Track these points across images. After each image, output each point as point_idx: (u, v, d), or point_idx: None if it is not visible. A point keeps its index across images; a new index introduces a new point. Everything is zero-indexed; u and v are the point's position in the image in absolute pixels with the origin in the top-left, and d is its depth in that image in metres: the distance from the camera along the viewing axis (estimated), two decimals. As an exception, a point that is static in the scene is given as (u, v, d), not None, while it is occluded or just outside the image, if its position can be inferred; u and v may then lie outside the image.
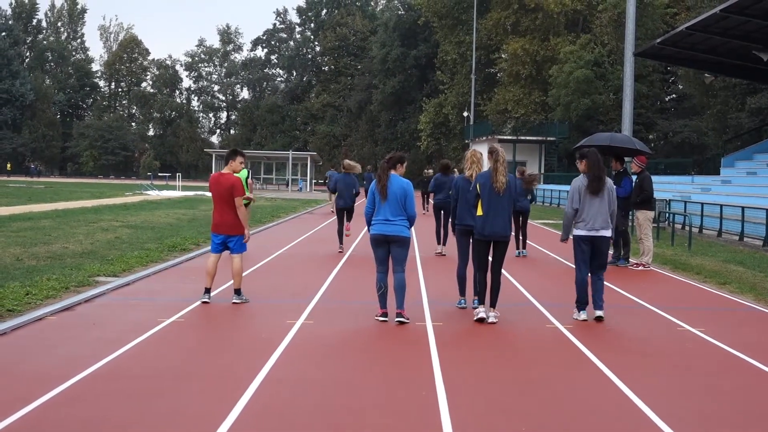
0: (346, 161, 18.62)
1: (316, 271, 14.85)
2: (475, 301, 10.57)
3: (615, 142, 17.61)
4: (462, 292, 11.31)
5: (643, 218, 17.09)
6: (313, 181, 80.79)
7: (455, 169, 20.40)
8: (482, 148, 73.33)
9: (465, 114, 77.40)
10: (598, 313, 10.53)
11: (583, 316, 10.52)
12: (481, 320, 10.14)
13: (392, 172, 10.19)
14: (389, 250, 10.15)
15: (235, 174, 11.31)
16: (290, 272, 14.72)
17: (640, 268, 16.55)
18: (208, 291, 11.19)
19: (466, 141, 77.09)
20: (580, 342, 9.06)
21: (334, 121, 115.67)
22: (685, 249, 21.24)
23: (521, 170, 18.13)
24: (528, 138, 68.95)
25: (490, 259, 10.40)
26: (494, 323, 10.11)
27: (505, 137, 70.51)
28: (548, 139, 67.07)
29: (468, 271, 11.31)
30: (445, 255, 17.80)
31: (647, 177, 17.00)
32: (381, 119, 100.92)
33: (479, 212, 10.18)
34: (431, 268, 15.71)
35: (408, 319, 10.05)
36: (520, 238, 18.81)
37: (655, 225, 25.12)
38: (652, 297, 12.65)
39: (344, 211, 19.10)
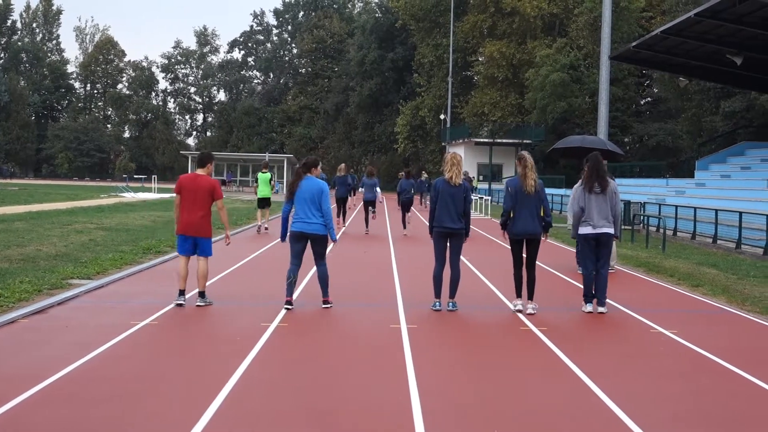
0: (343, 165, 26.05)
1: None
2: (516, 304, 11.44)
3: (587, 143, 17.68)
4: (437, 293, 11.41)
5: None
6: (278, 182, 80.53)
7: (422, 173, 26.04)
8: (459, 151, 73.62)
9: (442, 117, 77.60)
10: (600, 309, 11.42)
11: (589, 308, 11.45)
12: (519, 311, 11.17)
13: (309, 174, 11.09)
14: (305, 246, 11.11)
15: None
16: (266, 274, 14.68)
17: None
18: (182, 293, 11.16)
19: (443, 144, 77.28)
20: (555, 345, 9.09)
21: (310, 123, 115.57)
22: (660, 251, 21.37)
23: (466, 175, 21.70)
24: (504, 141, 69.23)
25: (524, 256, 11.36)
26: (532, 314, 10.97)
27: (481, 140, 70.78)
28: (525, 142, 67.26)
29: (445, 273, 11.43)
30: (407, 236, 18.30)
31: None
32: (358, 122, 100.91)
33: (511, 214, 11.20)
34: (406, 270, 15.71)
35: (332, 303, 11.19)
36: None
37: (629, 228, 25.28)
38: (625, 299, 12.72)
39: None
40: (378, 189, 26.22)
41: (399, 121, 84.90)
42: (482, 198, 43.62)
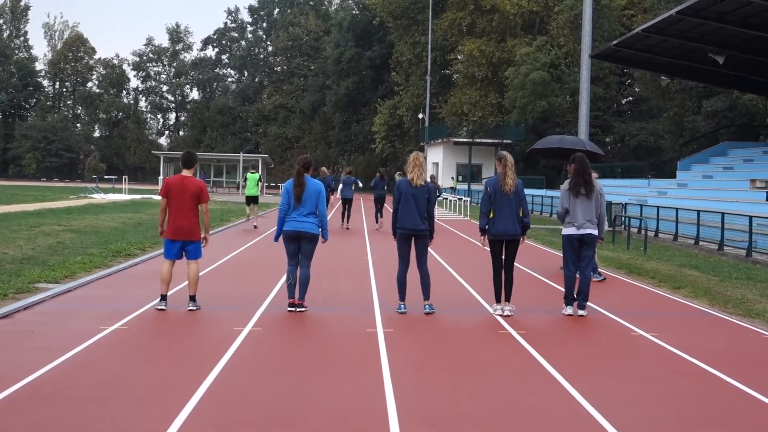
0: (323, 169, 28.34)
1: (265, 276, 14.78)
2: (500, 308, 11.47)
3: (565, 143, 17.74)
4: (402, 296, 11.50)
5: None
6: (265, 183, 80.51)
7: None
8: (437, 151, 73.68)
9: (420, 116, 77.74)
10: (581, 312, 11.46)
11: (569, 311, 11.52)
12: (500, 315, 11.20)
13: (307, 174, 11.32)
14: (299, 246, 11.24)
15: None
16: (238, 278, 14.65)
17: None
18: (164, 298, 11.16)
19: (422, 143, 77.35)
20: (533, 348, 9.12)
21: (286, 122, 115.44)
22: (641, 253, 21.50)
23: (432, 177, 24.38)
24: (484, 141, 69.50)
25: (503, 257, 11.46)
26: (509, 316, 11.10)
27: (461, 140, 70.99)
28: (504, 141, 67.57)
29: (411, 274, 11.45)
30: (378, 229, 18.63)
31: None
32: (335, 121, 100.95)
33: (491, 215, 11.30)
34: (384, 273, 15.72)
35: (306, 307, 11.24)
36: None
37: (611, 229, 25.41)
38: (606, 302, 12.78)
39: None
40: (356, 184, 29.76)
41: (376, 121, 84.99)
42: (461, 199, 43.73)
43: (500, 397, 7.17)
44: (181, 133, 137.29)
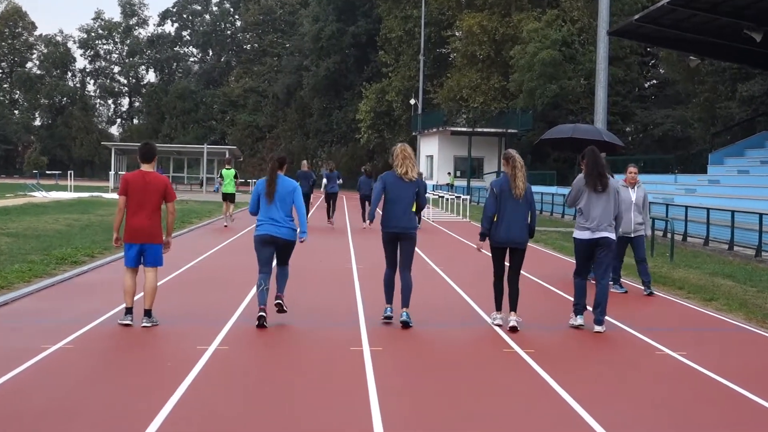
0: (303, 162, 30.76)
1: (233, 287, 14.74)
2: (497, 316, 11.87)
3: (578, 133, 17.55)
4: (389, 298, 11.86)
5: None
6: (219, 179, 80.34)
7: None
8: (432, 142, 73.69)
9: (412, 102, 77.75)
10: (597, 328, 11.50)
11: (579, 320, 11.73)
12: (498, 326, 11.54)
13: (280, 172, 11.62)
14: (273, 250, 11.54)
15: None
16: (203, 289, 14.61)
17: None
18: (129, 311, 11.14)
19: (414, 134, 77.42)
20: (543, 369, 9.11)
21: (257, 109, 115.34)
22: (666, 260, 21.53)
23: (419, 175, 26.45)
24: (486, 130, 69.49)
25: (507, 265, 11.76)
26: (516, 329, 11.25)
27: (459, 129, 70.94)
28: (509, 131, 67.64)
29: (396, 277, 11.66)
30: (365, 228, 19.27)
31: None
32: (313, 107, 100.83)
33: (495, 219, 11.54)
34: (370, 282, 15.70)
35: (286, 310, 11.61)
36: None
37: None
38: (627, 316, 12.79)
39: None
40: (340, 180, 32.10)
41: (361, 107, 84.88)
42: (459, 197, 43.74)
43: (506, 427, 7.15)
44: (135, 121, 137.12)
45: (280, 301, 11.66)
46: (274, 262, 11.78)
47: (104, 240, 21.29)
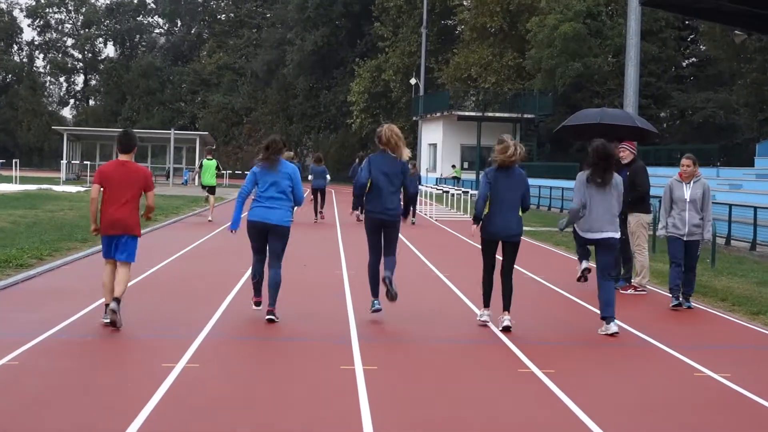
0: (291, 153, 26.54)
1: (204, 295, 14.72)
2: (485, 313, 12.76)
3: (607, 119, 17.53)
4: (375, 291, 12.93)
5: (636, 224, 16.89)
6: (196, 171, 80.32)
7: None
8: (436, 128, 73.75)
9: (413, 82, 77.69)
10: (613, 329, 12.30)
11: (584, 264, 13.07)
12: (485, 323, 12.56)
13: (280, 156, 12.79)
14: (267, 238, 12.66)
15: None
16: (169, 297, 14.59)
17: (630, 291, 16.65)
18: (109, 305, 11.65)
19: (414, 118, 77.43)
20: (565, 393, 9.09)
21: (232, 89, 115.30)
22: (707, 266, 21.51)
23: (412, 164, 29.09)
24: (498, 115, 69.44)
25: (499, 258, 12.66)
26: (509, 327, 12.14)
27: (467, 114, 70.91)
28: (525, 116, 67.64)
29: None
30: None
31: (641, 168, 16.99)
32: (298, 88, 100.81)
33: (486, 210, 12.41)
34: (363, 290, 15.67)
35: (278, 318, 12.38)
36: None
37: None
38: (661, 331, 12.78)
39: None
40: (327, 176, 33.90)
41: (354, 88, 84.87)
42: (467, 193, 43.67)
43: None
44: (91, 102, 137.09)
45: (272, 316, 12.35)
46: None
47: (55, 240, 21.28)
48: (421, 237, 27.50)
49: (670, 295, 15.16)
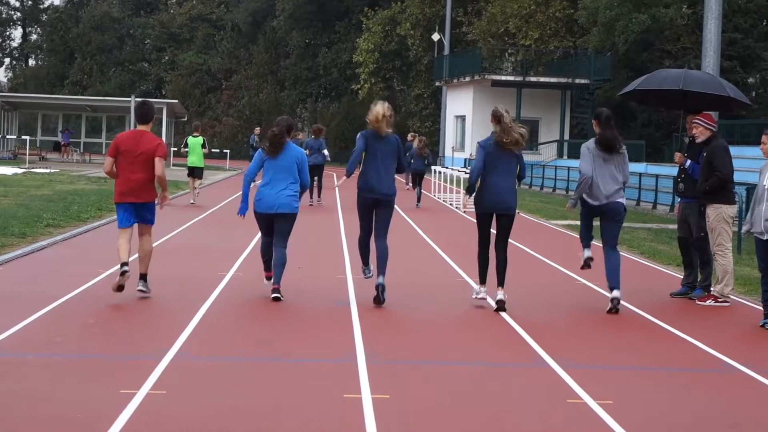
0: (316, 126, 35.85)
1: (171, 306, 14.79)
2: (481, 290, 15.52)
3: (691, 84, 17.35)
4: (365, 260, 15.76)
5: (716, 218, 16.48)
6: (173, 148, 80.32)
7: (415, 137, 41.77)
8: (465, 96, 73.82)
9: (435, 38, 77.60)
10: (615, 293, 15.19)
11: (587, 253, 16.01)
12: (482, 299, 15.32)
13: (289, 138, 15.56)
14: (272, 221, 15.37)
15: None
16: (129, 308, 14.61)
17: (710, 302, 16.49)
18: (126, 264, 14.48)
19: (437, 83, 77.31)
20: (624, 429, 9.09)
21: (208, 46, 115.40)
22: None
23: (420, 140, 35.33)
24: (543, 80, 69.38)
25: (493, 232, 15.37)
26: (502, 305, 14.74)
27: (504, 77, 70.80)
28: (577, 81, 67.50)
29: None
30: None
31: (721, 147, 16.66)
32: (290, 45, 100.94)
33: (478, 183, 15.16)
34: (370, 300, 15.69)
35: (283, 296, 15.10)
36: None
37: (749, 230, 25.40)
38: (749, 354, 12.78)
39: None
40: (326, 152, 37.21)
41: (361, 45, 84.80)
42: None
43: None
44: (31, 62, 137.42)
45: (278, 294, 15.05)
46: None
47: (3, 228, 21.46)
48: (446, 233, 27.52)
49: (763, 310, 15.01)
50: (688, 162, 16.56)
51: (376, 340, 12.63)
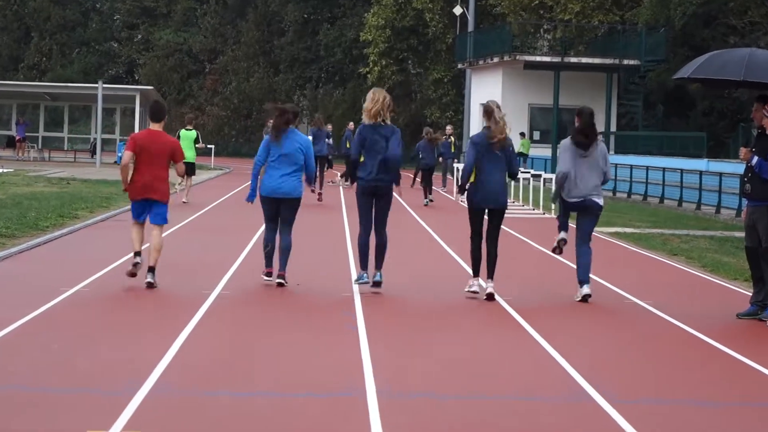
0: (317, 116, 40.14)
1: (148, 330, 14.76)
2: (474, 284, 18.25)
3: (756, 72, 17.27)
4: (364, 264, 18.16)
5: None
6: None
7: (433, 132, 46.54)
8: (493, 80, 73.98)
9: (458, 11, 77.50)
10: (585, 291, 17.82)
11: (562, 234, 18.64)
12: (474, 293, 17.99)
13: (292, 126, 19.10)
14: (278, 208, 18.37)
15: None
16: (97, 333, 14.62)
17: None
18: (138, 254, 17.70)
19: (459, 66, 77.24)
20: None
21: (188, 22, 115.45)
22: None
23: (428, 132, 38.85)
24: (586, 61, 69.35)
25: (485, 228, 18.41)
26: (492, 294, 17.54)
27: (540, 58, 70.75)
28: (626, 62, 67.46)
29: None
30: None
31: None
32: (286, 21, 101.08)
33: (471, 179, 17.85)
34: (380, 319, 15.72)
35: (287, 282, 18.15)
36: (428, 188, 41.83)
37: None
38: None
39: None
40: (329, 140, 40.96)
41: (370, 21, 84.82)
42: (540, 177, 43.31)
43: None
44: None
45: (282, 280, 18.10)
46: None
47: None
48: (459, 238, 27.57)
49: None
50: (755, 158, 16.19)
51: (386, 366, 12.64)
